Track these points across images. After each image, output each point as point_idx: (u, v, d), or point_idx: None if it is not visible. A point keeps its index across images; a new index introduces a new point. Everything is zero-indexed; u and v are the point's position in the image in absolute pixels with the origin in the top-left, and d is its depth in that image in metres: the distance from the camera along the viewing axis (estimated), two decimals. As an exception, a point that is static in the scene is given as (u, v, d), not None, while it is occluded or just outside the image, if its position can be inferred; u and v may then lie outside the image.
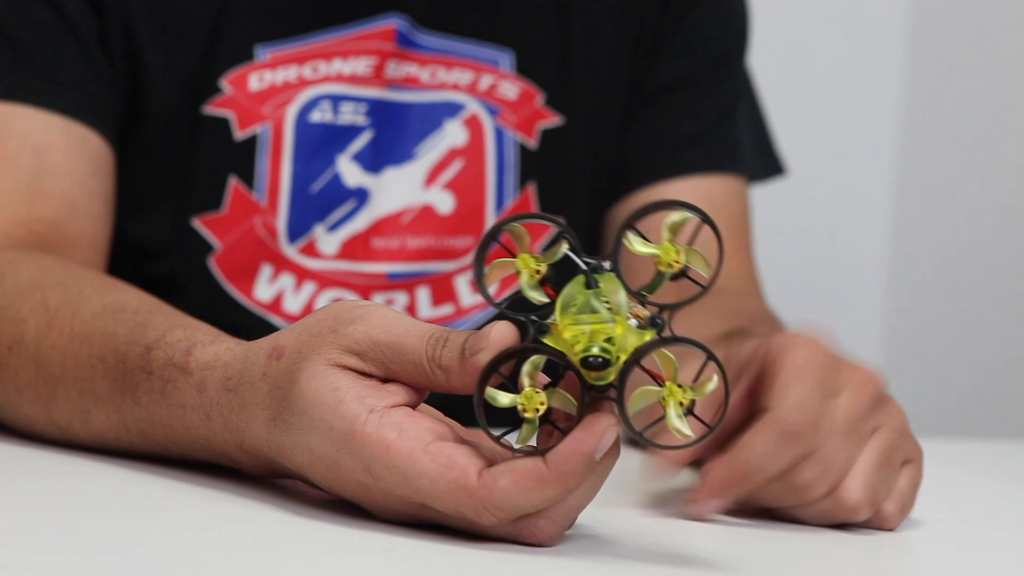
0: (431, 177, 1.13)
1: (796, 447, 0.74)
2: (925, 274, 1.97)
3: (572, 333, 0.64)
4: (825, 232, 1.95)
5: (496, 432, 0.65)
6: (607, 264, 0.65)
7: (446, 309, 1.13)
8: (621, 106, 1.18)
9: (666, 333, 0.65)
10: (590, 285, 0.64)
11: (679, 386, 0.65)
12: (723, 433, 0.77)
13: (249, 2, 1.09)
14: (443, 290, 1.13)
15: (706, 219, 0.65)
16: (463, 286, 1.13)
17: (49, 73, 1.05)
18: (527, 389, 0.65)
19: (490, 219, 1.13)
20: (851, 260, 1.97)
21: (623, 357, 0.64)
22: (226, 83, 1.09)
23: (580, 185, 1.17)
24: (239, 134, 1.10)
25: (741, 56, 1.22)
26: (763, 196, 1.46)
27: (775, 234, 1.80)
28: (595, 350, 0.63)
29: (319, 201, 1.11)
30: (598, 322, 0.64)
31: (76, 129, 1.05)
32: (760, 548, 0.73)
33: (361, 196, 1.11)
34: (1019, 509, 0.95)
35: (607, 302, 0.64)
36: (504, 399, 0.65)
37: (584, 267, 0.64)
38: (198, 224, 1.10)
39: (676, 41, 1.18)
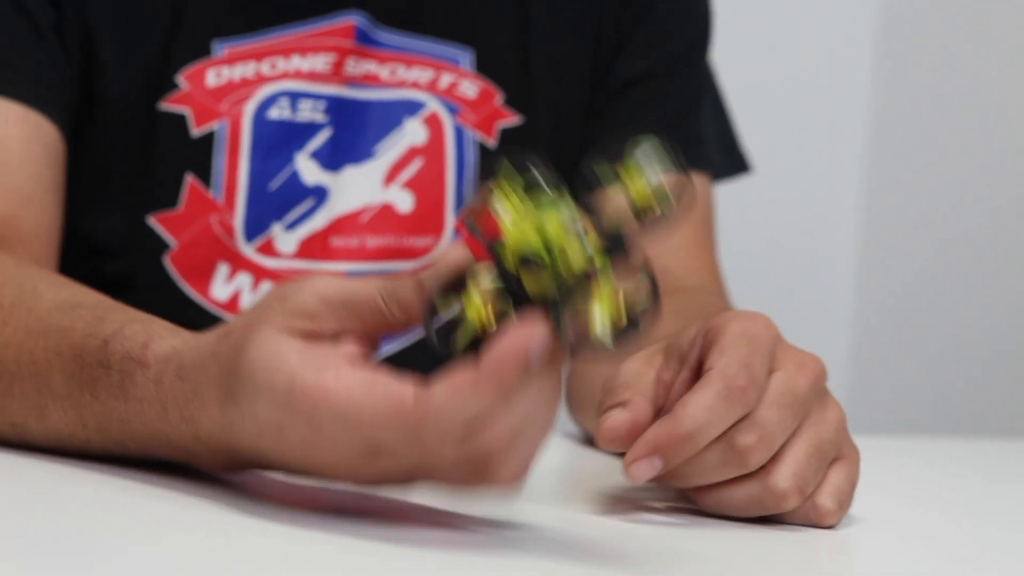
0: (390, 176, 1.12)
1: (737, 404, 0.74)
2: (894, 275, 1.97)
3: (519, 229, 0.63)
4: (794, 234, 1.95)
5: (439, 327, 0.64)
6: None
7: (405, 309, 1.12)
8: (582, 105, 1.17)
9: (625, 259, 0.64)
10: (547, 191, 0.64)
11: (609, 284, 0.64)
12: (666, 405, 0.77)
13: (207, -3, 1.08)
14: (402, 290, 1.12)
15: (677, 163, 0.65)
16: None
17: (5, 61, 1.04)
18: (470, 292, 0.64)
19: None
20: (820, 262, 1.97)
21: (560, 261, 0.63)
22: (183, 79, 1.08)
23: (540, 185, 1.16)
24: (196, 131, 1.09)
25: (703, 53, 1.22)
26: (732, 197, 1.46)
27: (744, 235, 1.81)
28: (534, 246, 0.63)
29: (277, 199, 1.10)
30: (539, 212, 0.63)
31: (32, 118, 1.04)
32: (708, 544, 0.73)
33: (320, 194, 1.11)
34: (985, 505, 0.95)
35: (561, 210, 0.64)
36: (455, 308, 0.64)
37: (544, 181, 0.64)
38: (153, 222, 1.09)
39: (637, 38, 1.18)
